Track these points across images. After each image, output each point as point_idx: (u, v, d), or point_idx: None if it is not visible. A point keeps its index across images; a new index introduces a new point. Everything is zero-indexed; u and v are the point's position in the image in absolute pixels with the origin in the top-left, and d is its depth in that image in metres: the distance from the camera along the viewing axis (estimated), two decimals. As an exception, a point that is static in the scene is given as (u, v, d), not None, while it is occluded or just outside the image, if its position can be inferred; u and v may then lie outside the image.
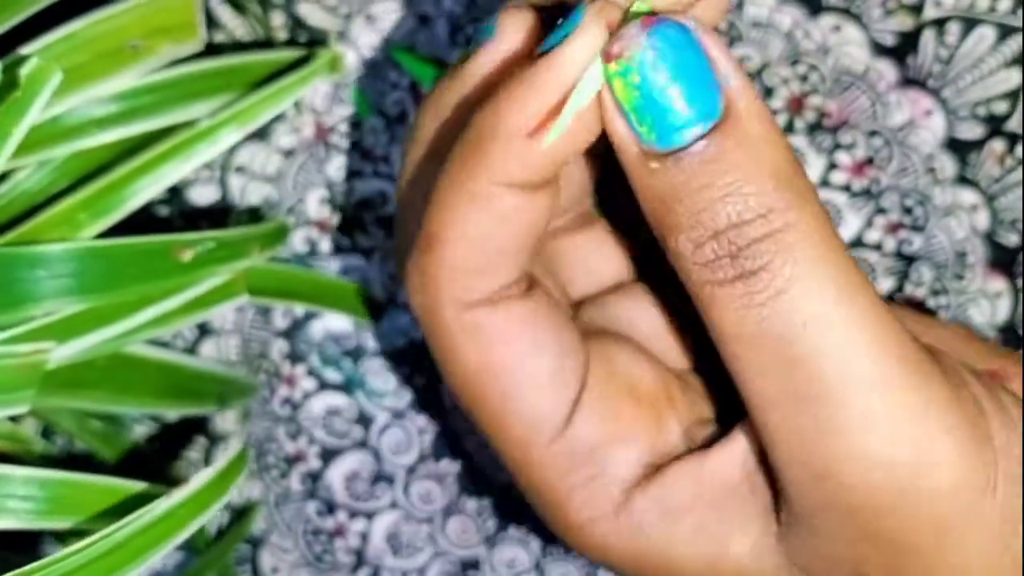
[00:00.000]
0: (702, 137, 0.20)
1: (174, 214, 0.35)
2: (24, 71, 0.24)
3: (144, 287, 0.27)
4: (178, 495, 0.24)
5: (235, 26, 0.34)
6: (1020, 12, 0.33)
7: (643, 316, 0.27)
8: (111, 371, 0.29)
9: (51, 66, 0.24)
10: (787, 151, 0.21)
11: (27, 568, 0.23)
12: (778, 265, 0.20)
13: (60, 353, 0.27)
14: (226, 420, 0.36)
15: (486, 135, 0.21)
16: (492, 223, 0.22)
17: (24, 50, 0.26)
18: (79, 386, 0.28)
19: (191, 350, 0.35)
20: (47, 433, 0.34)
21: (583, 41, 0.20)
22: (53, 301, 0.26)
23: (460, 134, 0.22)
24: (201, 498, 0.25)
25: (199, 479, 0.25)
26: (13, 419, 0.32)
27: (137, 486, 0.26)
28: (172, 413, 0.34)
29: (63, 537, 0.32)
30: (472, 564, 0.36)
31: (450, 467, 0.36)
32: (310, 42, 0.34)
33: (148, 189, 0.28)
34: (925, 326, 0.27)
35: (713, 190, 0.20)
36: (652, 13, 0.21)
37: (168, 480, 0.32)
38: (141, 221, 0.30)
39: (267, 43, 0.34)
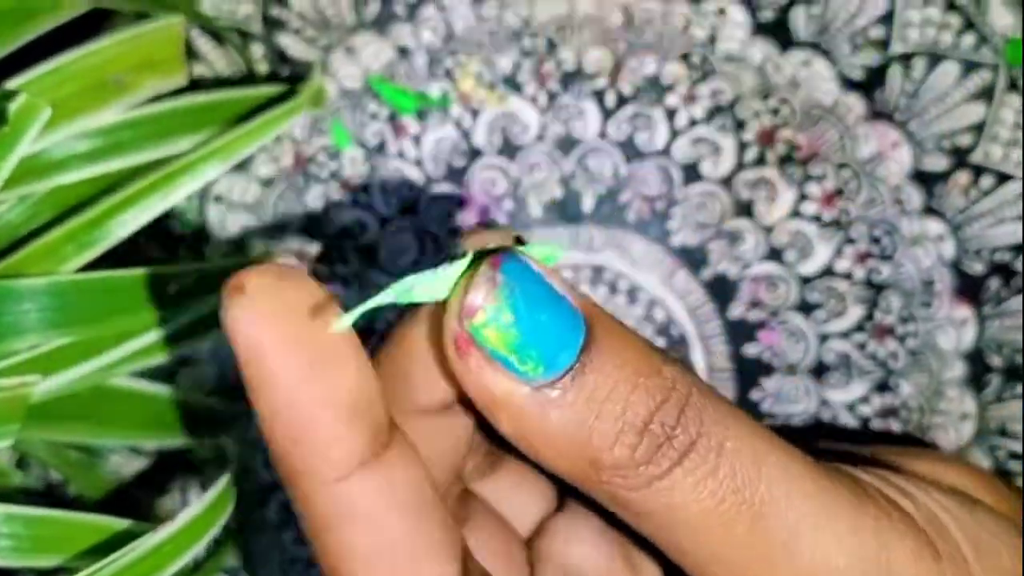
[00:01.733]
0: (582, 349, 0.20)
1: (152, 242, 0.35)
2: (13, 106, 0.24)
3: (128, 320, 0.27)
4: (165, 531, 0.24)
5: (215, 57, 0.35)
6: (984, 48, 0.34)
7: (588, 543, 0.26)
8: (93, 403, 0.29)
9: (39, 102, 0.24)
10: (639, 334, 0.21)
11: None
12: (708, 424, 0.20)
13: (44, 386, 0.27)
14: (204, 449, 0.36)
15: (281, 452, 0.20)
16: (373, 525, 0.20)
17: (10, 83, 0.26)
18: (62, 419, 0.28)
19: (169, 380, 0.35)
20: (21, 463, 0.34)
21: (238, 328, 0.19)
22: (38, 334, 0.26)
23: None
24: (189, 533, 0.25)
25: (186, 514, 0.25)
26: (-11, 449, 0.31)
27: (122, 523, 0.26)
28: (154, 445, 0.34)
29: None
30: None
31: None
32: (291, 75, 0.34)
33: (132, 222, 0.28)
34: (901, 457, 0.27)
35: (622, 388, 0.20)
36: (485, 254, 0.20)
37: (147, 513, 0.32)
38: (119, 250, 0.30)
39: (248, 75, 0.34)
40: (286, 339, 0.19)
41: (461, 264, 0.20)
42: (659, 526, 0.21)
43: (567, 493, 0.27)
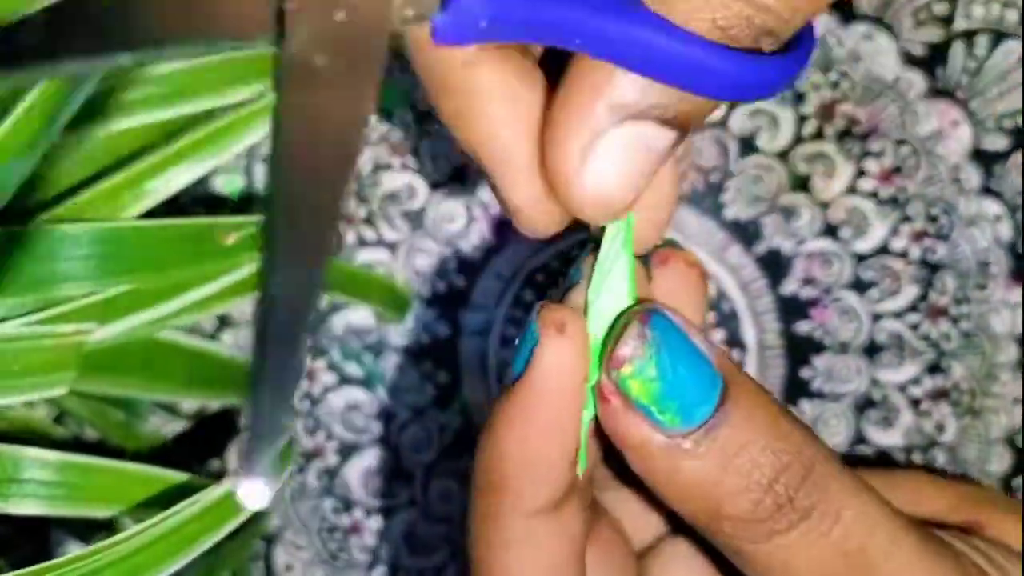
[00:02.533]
0: (718, 405, 0.21)
1: (197, 202, 0.34)
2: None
3: (185, 270, 0.27)
4: (229, 484, 0.24)
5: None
6: (1048, 27, 0.34)
7: (693, 570, 0.27)
8: (144, 356, 0.28)
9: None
10: (772, 396, 0.22)
11: (77, 554, 0.22)
12: (828, 496, 0.21)
13: (99, 335, 0.26)
14: (244, 414, 0.35)
15: (500, 479, 0.21)
16: (543, 558, 0.22)
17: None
18: (112, 371, 0.28)
19: (211, 339, 0.34)
20: (59, 419, 0.33)
21: (545, 358, 0.21)
22: (93, 282, 0.26)
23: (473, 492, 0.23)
24: (251, 486, 0.24)
25: (249, 467, 0.24)
26: (26, 403, 0.31)
27: (180, 476, 0.25)
28: (201, 401, 0.33)
29: (78, 531, 0.31)
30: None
31: (470, 466, 0.35)
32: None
33: (188, 173, 0.28)
34: (886, 481, 0.28)
35: (753, 448, 0.21)
36: (635, 306, 0.22)
37: (191, 471, 0.31)
38: (164, 209, 0.29)
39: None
40: (574, 383, 0.21)
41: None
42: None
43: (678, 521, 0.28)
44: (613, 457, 0.26)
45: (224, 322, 0.35)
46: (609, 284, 0.22)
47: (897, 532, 0.22)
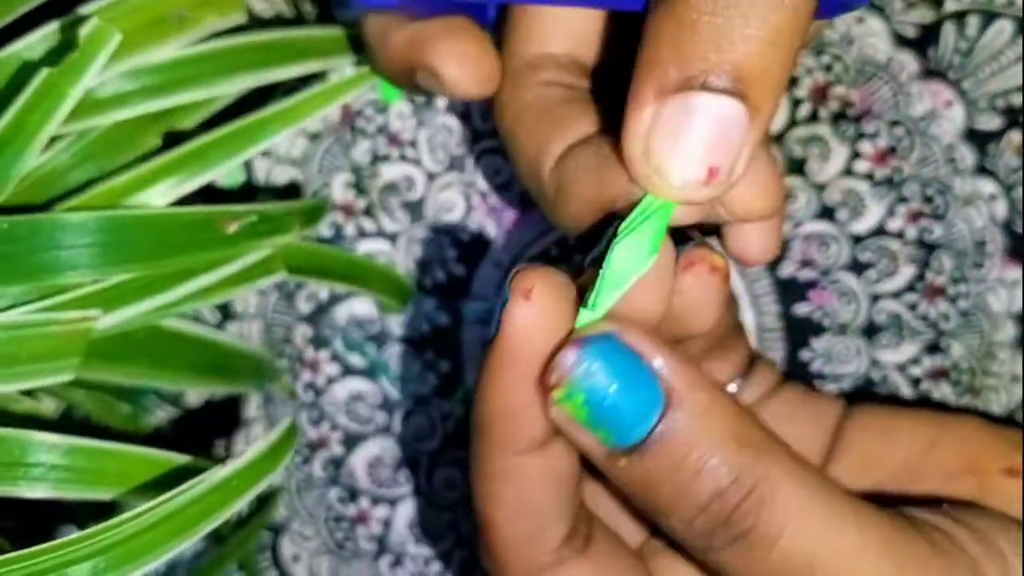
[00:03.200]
0: (656, 424, 0.22)
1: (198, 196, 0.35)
2: (83, 31, 0.24)
3: (188, 258, 0.27)
4: (233, 465, 0.24)
5: (256, 3, 0.34)
6: (1038, 6, 0.34)
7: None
8: (148, 344, 0.28)
9: (111, 27, 0.24)
10: (734, 407, 0.22)
11: (80, 534, 0.22)
12: (765, 519, 0.22)
13: (103, 323, 0.26)
14: (248, 406, 0.35)
15: (485, 423, 0.23)
16: (523, 490, 0.23)
17: (76, 12, 0.26)
18: (117, 358, 0.28)
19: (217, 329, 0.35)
20: (66, 414, 0.34)
21: (512, 321, 0.22)
22: (97, 269, 0.26)
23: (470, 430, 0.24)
24: (255, 469, 0.24)
25: (253, 450, 0.25)
26: (31, 395, 0.31)
27: (182, 459, 0.26)
28: (203, 390, 0.33)
29: (79, 518, 0.32)
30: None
31: (474, 453, 0.35)
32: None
33: (196, 178, 0.28)
34: (940, 428, 0.29)
35: (683, 472, 0.22)
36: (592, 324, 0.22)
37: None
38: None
39: (298, 17, 0.33)
40: (539, 343, 0.22)
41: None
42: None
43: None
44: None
45: (228, 315, 0.35)
46: (627, 253, 0.22)
47: (849, 545, 0.22)
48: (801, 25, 0.20)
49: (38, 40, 0.26)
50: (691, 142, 0.21)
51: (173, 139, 0.29)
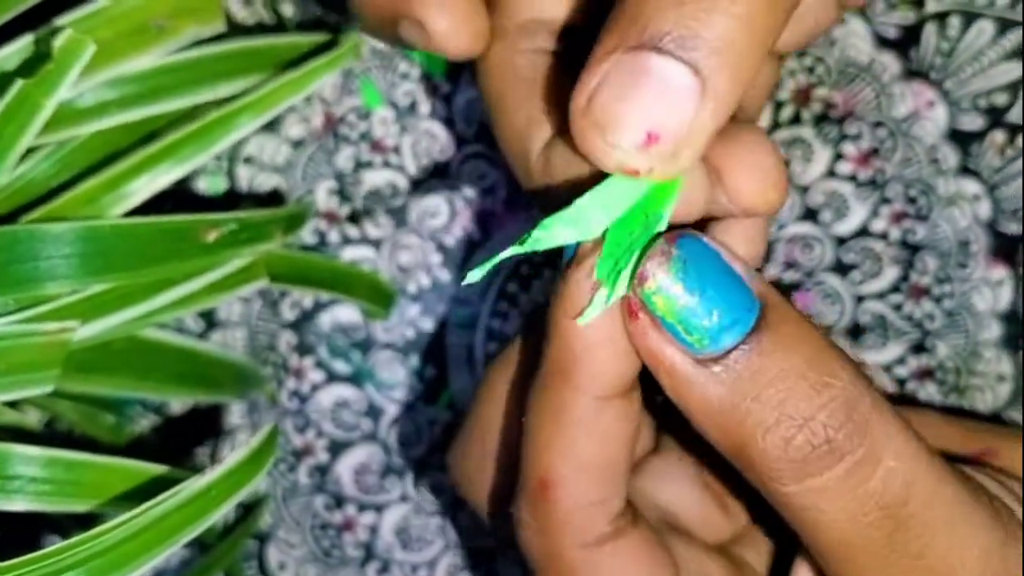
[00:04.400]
0: (752, 331, 0.20)
1: (181, 205, 0.35)
2: (57, 43, 0.24)
3: (168, 267, 0.27)
4: (212, 474, 0.24)
5: (238, 9, 0.34)
6: (1019, 6, 0.34)
7: (681, 484, 0.26)
8: (128, 355, 0.28)
9: (85, 39, 0.24)
10: (817, 327, 0.21)
11: (61, 545, 0.22)
12: (871, 437, 0.20)
13: (82, 333, 0.26)
14: (232, 414, 0.35)
15: (568, 359, 0.21)
16: (598, 444, 0.22)
17: (52, 24, 0.26)
18: (96, 370, 0.28)
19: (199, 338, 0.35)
20: (50, 425, 0.33)
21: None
22: (75, 280, 0.26)
23: (536, 378, 0.22)
24: (237, 476, 0.24)
25: (233, 458, 0.24)
26: (15, 407, 0.31)
27: (159, 469, 0.26)
28: (186, 400, 0.33)
29: (63, 528, 0.32)
30: (485, 555, 0.35)
31: (460, 459, 0.35)
32: (320, 25, 0.34)
33: (169, 173, 0.28)
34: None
35: (789, 379, 0.20)
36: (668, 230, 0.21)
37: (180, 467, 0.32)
38: (146, 211, 0.29)
39: (279, 25, 0.33)
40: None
41: (607, 195, 0.20)
42: (801, 521, 0.21)
43: (666, 433, 0.27)
44: None
45: (212, 323, 0.35)
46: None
47: (938, 485, 0.21)
48: (777, 16, 0.20)
49: (14, 52, 0.26)
50: (634, 103, 0.20)
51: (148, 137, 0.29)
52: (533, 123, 0.24)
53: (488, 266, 0.20)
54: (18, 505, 0.24)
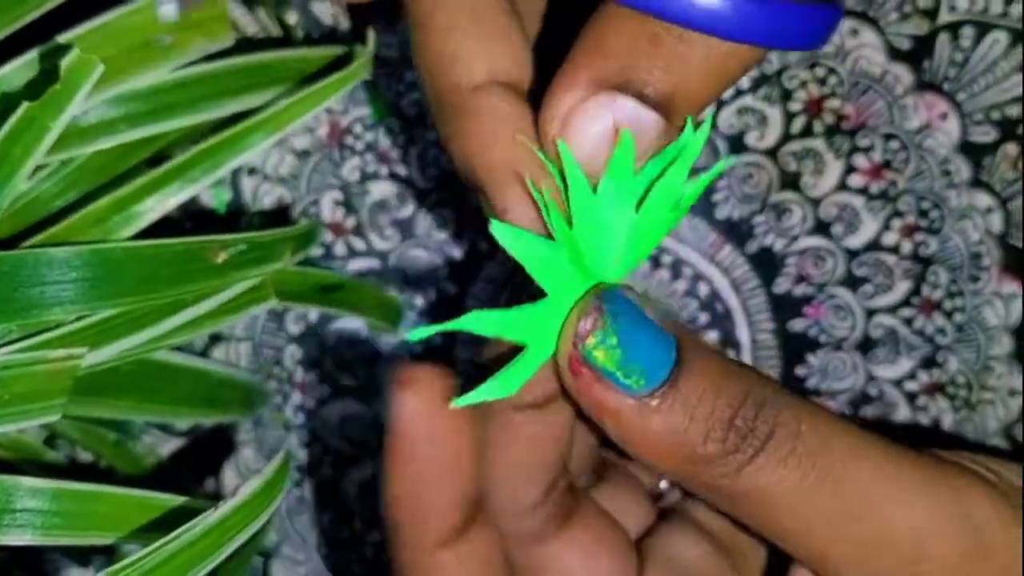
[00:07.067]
0: (675, 366, 0.23)
1: (184, 216, 0.34)
2: (64, 62, 0.23)
3: (177, 290, 0.26)
4: (229, 505, 0.23)
5: (246, 23, 0.33)
6: (1033, 18, 0.34)
7: (698, 544, 0.28)
8: (137, 377, 0.28)
9: (92, 58, 0.23)
10: (719, 350, 0.25)
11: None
12: (783, 416, 0.23)
13: (90, 359, 0.26)
14: (238, 430, 0.35)
15: (396, 525, 0.23)
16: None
17: (56, 40, 0.25)
18: (105, 393, 0.27)
19: (202, 356, 0.34)
20: (50, 441, 0.33)
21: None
22: (83, 305, 0.25)
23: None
24: (250, 508, 0.24)
25: (248, 488, 0.24)
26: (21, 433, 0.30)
27: (176, 500, 0.25)
28: (195, 421, 0.33)
29: (79, 557, 0.31)
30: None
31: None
32: (331, 39, 0.33)
33: (179, 194, 0.27)
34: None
35: (710, 394, 0.22)
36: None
37: (188, 491, 0.31)
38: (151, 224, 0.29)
39: (285, 39, 0.33)
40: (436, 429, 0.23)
41: (544, 309, 0.22)
42: (753, 508, 0.23)
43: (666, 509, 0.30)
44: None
45: (216, 338, 0.34)
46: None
47: (857, 439, 0.23)
48: (747, 68, 0.23)
49: (18, 68, 0.25)
50: (602, 133, 0.22)
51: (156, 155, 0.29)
52: (461, 62, 0.23)
53: (430, 332, 0.22)
54: (23, 539, 0.24)
